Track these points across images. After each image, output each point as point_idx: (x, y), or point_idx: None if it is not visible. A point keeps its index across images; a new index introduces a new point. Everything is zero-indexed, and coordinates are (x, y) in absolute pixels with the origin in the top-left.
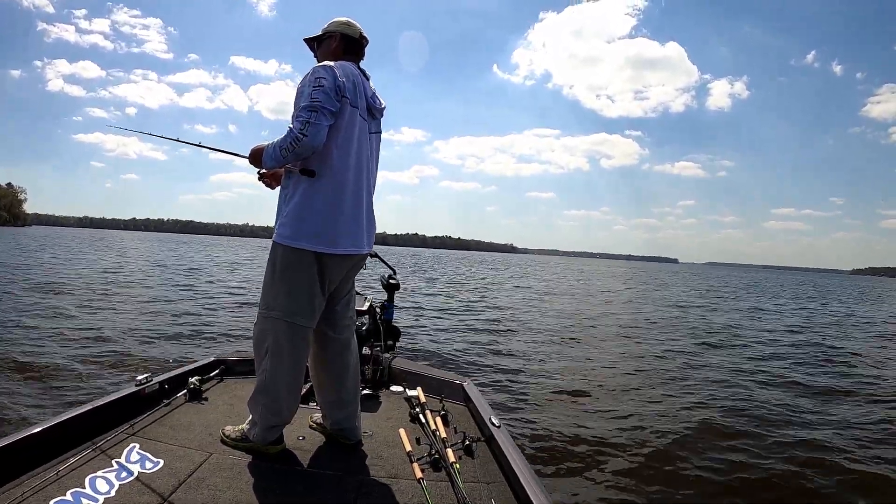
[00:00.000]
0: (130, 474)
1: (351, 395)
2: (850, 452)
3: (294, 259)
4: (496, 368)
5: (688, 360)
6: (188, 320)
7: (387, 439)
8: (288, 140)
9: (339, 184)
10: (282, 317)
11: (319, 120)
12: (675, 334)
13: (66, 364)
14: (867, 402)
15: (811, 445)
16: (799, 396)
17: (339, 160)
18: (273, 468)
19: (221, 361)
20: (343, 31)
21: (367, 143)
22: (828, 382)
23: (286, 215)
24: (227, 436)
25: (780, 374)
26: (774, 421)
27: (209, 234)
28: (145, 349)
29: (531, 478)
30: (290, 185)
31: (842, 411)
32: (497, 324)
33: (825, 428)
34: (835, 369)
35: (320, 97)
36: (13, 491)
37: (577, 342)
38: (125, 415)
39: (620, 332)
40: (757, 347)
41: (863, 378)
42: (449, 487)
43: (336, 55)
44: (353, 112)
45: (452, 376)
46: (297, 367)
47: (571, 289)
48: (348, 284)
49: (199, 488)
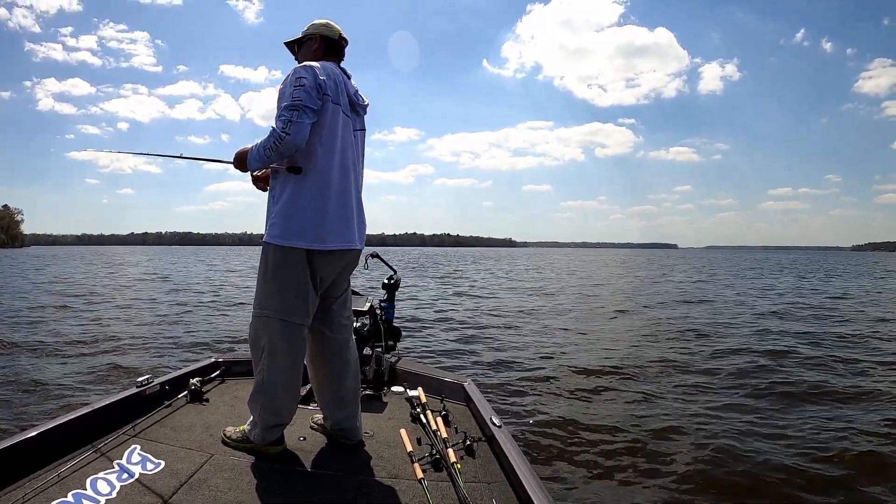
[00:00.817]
0: (132, 475)
1: (351, 396)
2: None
3: (284, 258)
4: (497, 368)
5: (695, 359)
6: (188, 320)
7: (388, 439)
8: (271, 140)
9: (325, 181)
10: (275, 315)
11: (301, 118)
12: (681, 332)
13: (67, 366)
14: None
15: (829, 444)
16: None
17: (324, 157)
18: (274, 469)
19: (222, 362)
20: (322, 33)
21: (351, 139)
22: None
23: (275, 215)
24: (227, 437)
25: (801, 366)
26: (786, 421)
27: (207, 244)
28: (145, 349)
29: (532, 478)
30: (278, 185)
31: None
32: (498, 323)
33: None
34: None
35: (301, 96)
36: (15, 493)
37: (579, 341)
38: (126, 416)
39: (624, 330)
40: (769, 337)
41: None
42: (450, 487)
43: (317, 56)
44: (336, 109)
45: (453, 376)
46: (294, 365)
47: (572, 282)
48: (344, 283)
49: (200, 489)
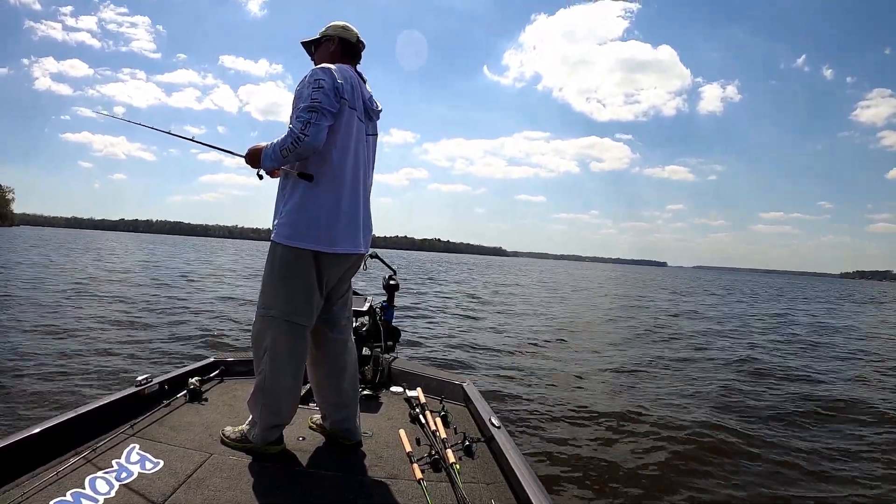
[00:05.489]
0: (130, 475)
1: (350, 396)
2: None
3: (293, 258)
4: (496, 369)
5: (689, 364)
6: (188, 321)
7: (387, 440)
8: (289, 140)
9: (338, 184)
10: (281, 316)
11: (320, 121)
12: (675, 338)
13: (66, 368)
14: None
15: (830, 452)
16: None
17: (339, 160)
18: (273, 469)
19: (221, 362)
20: (341, 35)
21: (364, 144)
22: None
23: (285, 215)
24: (226, 436)
25: (795, 376)
26: (785, 422)
27: (197, 235)
28: (145, 351)
29: (531, 478)
30: (289, 185)
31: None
32: (496, 325)
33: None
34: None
35: (320, 98)
36: (13, 491)
37: (576, 344)
38: (125, 415)
39: (620, 336)
40: (765, 350)
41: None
42: (449, 488)
43: (334, 58)
44: (352, 114)
45: (452, 377)
46: (296, 366)
47: (566, 292)
48: (346, 285)
49: (199, 489)
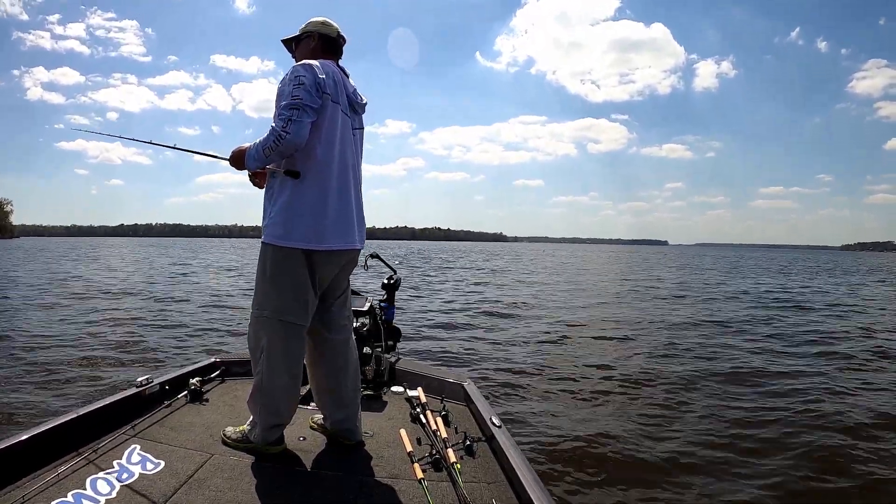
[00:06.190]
0: (131, 475)
1: (351, 396)
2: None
3: (283, 258)
4: (497, 369)
5: (694, 358)
6: (187, 321)
7: (387, 440)
8: (271, 139)
9: (325, 180)
10: (275, 316)
11: (302, 117)
12: (679, 330)
13: (66, 368)
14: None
15: (837, 447)
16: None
17: (324, 156)
18: (274, 469)
19: (222, 362)
20: (321, 31)
21: (350, 138)
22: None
23: (273, 215)
24: (227, 437)
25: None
26: (791, 420)
27: (197, 236)
28: (145, 351)
29: (532, 478)
30: (276, 185)
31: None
32: (497, 322)
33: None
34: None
35: (301, 94)
36: (14, 493)
37: (579, 341)
38: (126, 416)
39: (624, 330)
40: (771, 337)
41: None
42: (450, 488)
43: (315, 54)
44: (335, 108)
45: (453, 376)
46: (294, 365)
47: (567, 280)
48: (343, 284)
49: (200, 489)
